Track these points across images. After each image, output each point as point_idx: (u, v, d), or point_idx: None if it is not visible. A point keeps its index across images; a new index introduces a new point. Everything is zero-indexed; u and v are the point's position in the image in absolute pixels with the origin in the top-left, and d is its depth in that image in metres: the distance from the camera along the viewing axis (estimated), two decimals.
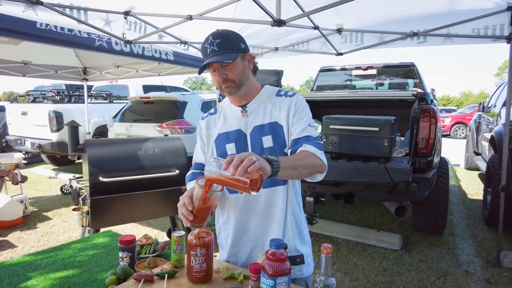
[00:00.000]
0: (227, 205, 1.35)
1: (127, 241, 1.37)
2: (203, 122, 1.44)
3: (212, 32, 1.26)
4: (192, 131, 5.36)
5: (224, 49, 1.22)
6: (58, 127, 6.34)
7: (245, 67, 1.29)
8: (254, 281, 1.05)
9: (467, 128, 10.30)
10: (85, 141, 2.77)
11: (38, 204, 5.16)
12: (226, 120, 1.37)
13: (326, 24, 3.46)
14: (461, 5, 2.92)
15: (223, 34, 1.24)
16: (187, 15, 2.84)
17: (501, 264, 3.12)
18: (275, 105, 1.33)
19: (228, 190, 1.32)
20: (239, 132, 1.32)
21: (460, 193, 5.70)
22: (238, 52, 1.24)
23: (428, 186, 3.10)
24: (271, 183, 1.27)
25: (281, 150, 1.28)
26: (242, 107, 1.34)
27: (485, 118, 5.71)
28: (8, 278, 1.33)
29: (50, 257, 1.53)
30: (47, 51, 4.78)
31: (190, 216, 1.13)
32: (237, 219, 1.32)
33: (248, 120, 1.32)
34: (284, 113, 1.30)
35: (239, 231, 1.33)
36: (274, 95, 1.36)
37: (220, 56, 1.20)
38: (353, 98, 4.01)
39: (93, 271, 1.41)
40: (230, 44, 1.23)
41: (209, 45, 1.22)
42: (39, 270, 1.41)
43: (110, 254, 1.57)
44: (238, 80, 1.26)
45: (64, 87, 8.43)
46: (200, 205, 1.12)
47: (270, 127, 1.29)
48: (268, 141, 1.28)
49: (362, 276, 2.96)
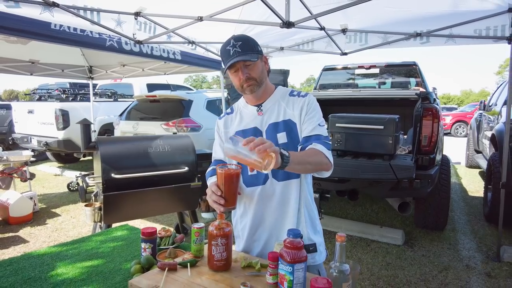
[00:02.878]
0: (244, 199, 1.43)
1: (149, 233, 1.45)
2: (220, 121, 1.52)
3: (232, 36, 1.36)
4: (197, 129, 5.44)
5: (246, 50, 1.32)
6: (64, 125, 6.42)
7: (263, 67, 1.40)
8: (273, 268, 1.14)
9: (468, 127, 10.36)
10: (97, 139, 2.86)
11: (46, 201, 5.25)
12: (242, 119, 1.46)
13: (331, 25, 3.53)
14: (464, 6, 3.00)
15: (243, 37, 1.36)
16: (198, 16, 2.91)
17: (501, 258, 3.21)
18: (289, 104, 1.41)
19: (245, 183, 1.41)
20: (256, 129, 1.40)
21: (461, 191, 5.78)
22: (257, 54, 1.35)
23: (430, 182, 3.18)
24: (285, 176, 1.36)
25: (294, 146, 1.36)
26: (257, 106, 1.43)
27: (486, 116, 5.78)
28: (39, 267, 1.42)
29: (74, 248, 1.62)
30: (54, 50, 4.86)
31: (221, 200, 1.23)
32: (254, 212, 1.41)
33: (263, 118, 1.41)
34: (297, 111, 1.39)
35: (255, 222, 1.41)
36: (287, 95, 1.45)
37: (245, 56, 1.30)
38: (357, 97, 4.09)
39: (116, 261, 1.49)
40: (251, 46, 1.34)
41: (232, 47, 1.32)
42: (66, 260, 1.49)
43: (130, 246, 1.66)
44: (259, 78, 1.36)
45: (68, 86, 8.50)
46: (226, 188, 1.23)
47: (284, 125, 1.38)
48: (282, 138, 1.37)
49: (366, 270, 3.05)
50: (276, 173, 1.36)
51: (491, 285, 2.79)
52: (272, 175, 1.37)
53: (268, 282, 1.14)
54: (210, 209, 4.41)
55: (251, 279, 1.18)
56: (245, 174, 1.41)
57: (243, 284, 1.14)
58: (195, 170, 3.12)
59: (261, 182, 1.38)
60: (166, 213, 3.63)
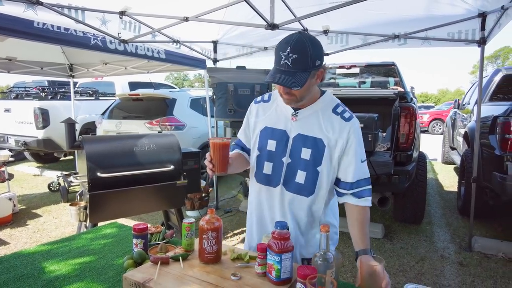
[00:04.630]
0: (257, 195, 1.47)
1: (140, 229, 1.49)
2: (254, 106, 1.48)
3: (293, 40, 1.17)
4: (181, 128, 5.45)
5: (297, 68, 1.18)
6: (44, 124, 6.28)
7: (311, 84, 1.26)
8: (261, 258, 1.21)
9: (444, 124, 10.75)
10: (82, 138, 2.85)
11: (26, 202, 5.14)
12: (276, 115, 1.40)
13: (314, 26, 3.64)
14: (437, 10, 3.16)
15: (302, 50, 1.17)
16: (183, 16, 2.94)
17: (472, 248, 3.41)
18: (327, 122, 1.31)
19: (260, 181, 1.44)
20: (284, 133, 1.36)
21: (437, 186, 6.05)
22: (310, 72, 1.20)
23: (408, 178, 3.34)
24: (295, 190, 1.35)
25: (315, 166, 1.31)
26: (294, 110, 1.35)
27: (460, 114, 6.05)
28: (31, 265, 1.43)
29: (65, 246, 1.64)
30: (33, 48, 4.74)
31: (210, 165, 1.31)
32: (265, 211, 1.45)
33: (296, 125, 1.34)
34: (334, 136, 1.30)
35: (265, 223, 1.47)
36: (330, 110, 1.34)
37: (291, 78, 1.17)
38: (338, 96, 4.20)
39: (108, 257, 1.53)
40: (306, 63, 1.18)
41: (285, 57, 1.18)
42: (57, 257, 1.51)
43: (121, 243, 1.69)
44: (300, 96, 1.27)
45: (47, 84, 8.28)
46: (215, 155, 1.31)
47: (313, 142, 1.31)
48: (306, 154, 1.31)
49: (348, 263, 3.18)
50: (287, 182, 1.36)
51: (463, 273, 2.97)
52: (283, 182, 1.36)
53: (257, 272, 1.21)
54: (195, 207, 4.45)
55: (241, 270, 1.25)
56: (260, 171, 1.41)
57: (233, 275, 1.20)
58: (180, 169, 3.15)
59: (274, 184, 1.39)
60: (152, 211, 3.64)
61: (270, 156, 1.39)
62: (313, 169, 1.32)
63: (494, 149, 3.31)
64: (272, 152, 1.38)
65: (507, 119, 3.20)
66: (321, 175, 1.33)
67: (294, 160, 1.34)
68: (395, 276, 2.94)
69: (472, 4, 3.00)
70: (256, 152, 1.44)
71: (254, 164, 1.46)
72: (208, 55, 4.72)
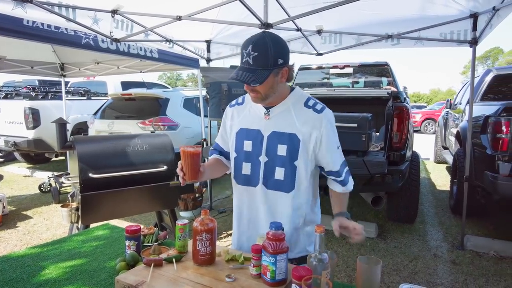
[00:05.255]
0: (239, 196, 1.48)
1: (133, 231, 1.47)
2: (230, 110, 1.51)
3: (255, 39, 1.22)
4: (175, 128, 5.41)
5: (257, 65, 1.21)
6: (34, 124, 6.18)
7: (275, 82, 1.27)
8: (256, 260, 1.20)
9: (436, 124, 10.85)
10: (74, 138, 2.80)
11: (16, 203, 5.05)
12: (250, 116, 1.42)
13: (307, 26, 3.64)
14: (431, 11, 3.18)
15: (263, 47, 1.20)
16: (177, 15, 2.91)
17: (464, 247, 3.44)
18: (300, 116, 1.33)
19: (239, 182, 1.45)
20: (258, 132, 1.38)
21: (429, 185, 6.10)
22: (271, 70, 1.22)
23: (401, 177, 3.36)
24: (274, 187, 1.37)
25: (292, 161, 1.34)
26: (266, 109, 1.37)
27: (452, 114, 6.11)
28: (20, 268, 1.40)
29: (55, 248, 1.61)
30: (23, 46, 4.66)
31: (181, 173, 1.31)
32: (247, 212, 1.46)
33: (269, 123, 1.36)
34: (307, 129, 1.32)
35: (250, 222, 1.47)
36: (302, 104, 1.35)
37: (251, 75, 1.21)
38: (332, 96, 4.22)
39: (100, 259, 1.50)
40: (266, 61, 1.20)
41: (247, 55, 1.21)
42: (48, 260, 1.48)
43: (113, 245, 1.66)
44: (264, 94, 1.28)
45: (37, 83, 8.16)
46: (185, 163, 1.30)
47: (288, 138, 1.32)
48: (282, 150, 1.33)
49: (342, 262, 3.18)
50: (267, 180, 1.38)
51: (455, 272, 3.00)
52: (262, 181, 1.38)
53: (252, 273, 1.20)
54: (189, 208, 4.42)
55: (235, 271, 1.24)
56: (239, 173, 1.43)
57: (228, 276, 1.19)
58: (173, 169, 3.12)
59: (254, 184, 1.40)
60: (145, 212, 3.61)
61: (247, 156, 1.41)
62: (290, 165, 1.34)
63: (486, 149, 3.34)
64: (249, 152, 1.40)
65: (498, 119, 3.24)
66: (298, 169, 1.35)
67: (271, 158, 1.36)
68: (389, 275, 2.95)
69: (464, 5, 3.02)
70: (234, 154, 1.46)
71: (233, 166, 1.48)
72: (202, 54, 4.69)
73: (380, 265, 1.12)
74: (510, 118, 3.15)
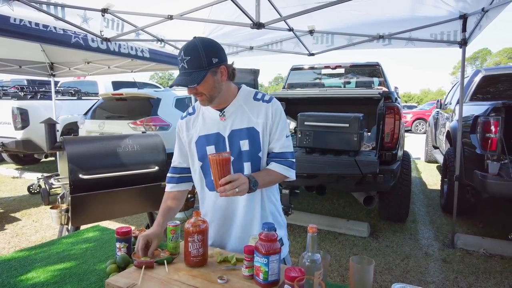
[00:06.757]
0: (208, 201, 1.47)
1: (123, 233, 1.45)
2: (182, 122, 1.49)
3: (186, 45, 1.27)
4: (166, 128, 5.37)
5: (192, 68, 1.24)
6: (23, 125, 6.07)
7: (216, 81, 1.30)
8: (248, 261, 1.19)
9: (426, 124, 10.99)
10: (63, 139, 2.76)
11: (4, 205, 4.96)
12: (205, 122, 1.42)
13: (299, 26, 3.64)
14: (421, 12, 3.21)
15: (193, 51, 1.24)
16: (168, 15, 2.89)
17: (455, 245, 3.49)
18: (253, 110, 1.39)
19: (210, 188, 1.44)
20: (218, 135, 1.39)
21: (420, 184, 6.16)
22: (207, 69, 1.25)
23: (393, 177, 3.39)
24: None
25: (256, 153, 1.38)
26: (220, 111, 1.39)
27: (442, 114, 6.19)
28: (7, 272, 1.37)
29: (44, 251, 1.57)
30: (10, 45, 4.58)
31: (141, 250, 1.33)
32: (222, 211, 1.45)
33: (226, 124, 1.38)
34: (262, 120, 1.38)
35: (226, 220, 1.46)
36: (251, 99, 1.41)
37: (187, 78, 1.24)
38: (324, 96, 4.24)
39: (90, 262, 1.47)
40: (200, 62, 1.24)
41: (180, 61, 1.26)
42: (36, 263, 1.45)
43: (103, 247, 1.63)
44: (208, 94, 1.31)
45: (26, 83, 8.02)
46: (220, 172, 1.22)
47: (247, 132, 1.37)
48: (245, 145, 1.37)
49: (335, 262, 3.19)
50: None
51: (446, 270, 3.03)
52: None
53: (244, 274, 1.19)
54: (180, 209, 4.38)
55: (228, 272, 1.23)
56: (210, 179, 1.39)
57: (220, 278, 1.18)
58: (165, 170, 3.09)
59: None
60: (136, 213, 3.58)
61: None
62: (255, 157, 1.39)
63: (475, 148, 3.39)
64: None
65: (487, 118, 3.28)
66: (262, 160, 1.40)
67: (237, 155, 1.38)
68: (381, 274, 2.97)
69: (454, 6, 3.06)
70: (198, 164, 1.45)
71: (199, 176, 1.46)
72: None
73: (373, 265, 1.12)
74: (498, 118, 3.20)
